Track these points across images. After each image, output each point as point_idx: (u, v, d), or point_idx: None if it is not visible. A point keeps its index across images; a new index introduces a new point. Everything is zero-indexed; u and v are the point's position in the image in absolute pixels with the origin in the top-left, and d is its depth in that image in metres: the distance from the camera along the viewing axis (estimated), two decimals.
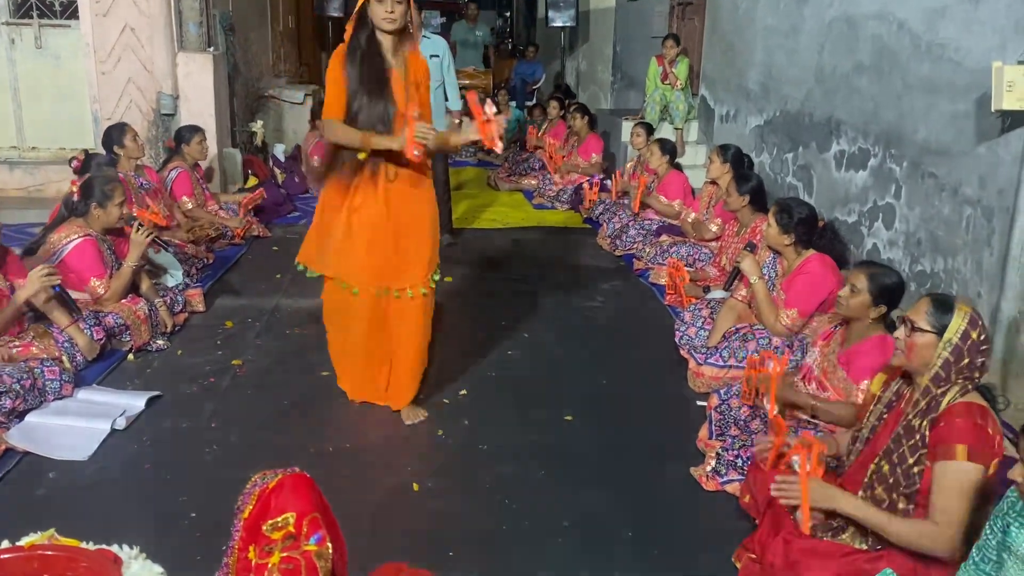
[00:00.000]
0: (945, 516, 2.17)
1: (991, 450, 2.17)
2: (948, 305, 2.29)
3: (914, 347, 2.31)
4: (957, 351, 2.23)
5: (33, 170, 6.89)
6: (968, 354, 2.24)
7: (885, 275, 2.97)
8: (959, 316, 2.26)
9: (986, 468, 2.16)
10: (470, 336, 4.55)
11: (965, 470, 2.15)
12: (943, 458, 2.18)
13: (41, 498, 2.94)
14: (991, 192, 3.93)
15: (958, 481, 2.16)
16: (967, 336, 2.24)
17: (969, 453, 2.14)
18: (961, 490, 2.16)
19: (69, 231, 4.15)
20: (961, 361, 2.24)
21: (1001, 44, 3.84)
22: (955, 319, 2.25)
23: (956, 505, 2.16)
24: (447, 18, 17.02)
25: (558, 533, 2.83)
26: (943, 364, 2.25)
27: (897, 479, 2.29)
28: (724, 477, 3.06)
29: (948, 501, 2.17)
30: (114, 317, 4.05)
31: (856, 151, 5.20)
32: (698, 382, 3.91)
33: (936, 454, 2.20)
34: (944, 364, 2.25)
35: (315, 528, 1.79)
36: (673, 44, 7.77)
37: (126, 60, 6.68)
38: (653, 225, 6.07)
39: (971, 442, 2.15)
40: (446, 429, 3.52)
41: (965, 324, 2.24)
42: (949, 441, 2.17)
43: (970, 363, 2.25)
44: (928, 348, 2.27)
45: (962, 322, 2.25)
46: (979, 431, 2.16)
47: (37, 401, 3.43)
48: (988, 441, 2.17)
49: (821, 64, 5.68)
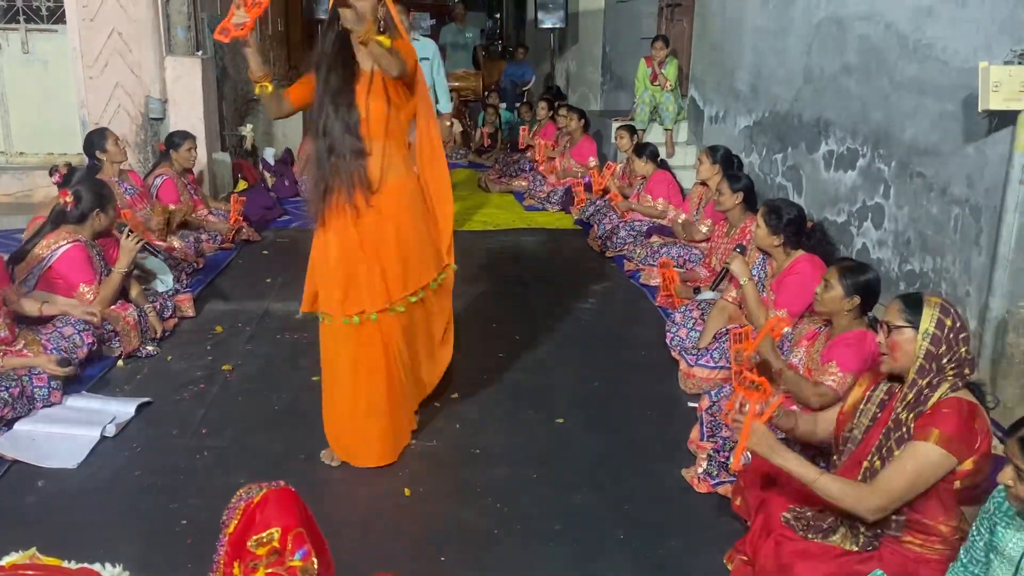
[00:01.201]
0: (882, 483, 2.21)
1: (968, 446, 2.18)
2: (918, 300, 2.35)
3: (896, 346, 2.35)
4: (936, 340, 2.27)
5: (21, 176, 6.86)
6: (947, 342, 2.27)
7: (857, 268, 3.05)
8: (930, 307, 2.31)
9: (956, 461, 2.17)
10: (460, 338, 4.52)
11: (928, 451, 2.18)
12: (915, 438, 2.21)
13: (31, 506, 2.92)
14: (979, 191, 3.95)
15: (915, 458, 2.19)
16: (942, 324, 2.28)
17: (941, 439, 2.16)
18: (914, 467, 2.19)
19: (58, 237, 4.13)
20: (941, 349, 2.27)
21: (987, 44, 3.86)
22: (926, 310, 2.31)
23: (899, 478, 2.20)
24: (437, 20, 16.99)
25: (550, 536, 2.83)
26: (926, 355, 2.28)
27: None
28: (715, 479, 3.06)
29: (894, 471, 2.21)
30: (103, 323, 4.03)
31: (845, 151, 5.22)
32: (689, 383, 3.92)
33: (914, 435, 2.23)
34: (927, 355, 2.28)
35: (300, 543, 1.79)
36: (662, 45, 7.79)
37: (114, 65, 6.65)
38: (644, 226, 6.08)
39: (949, 431, 2.17)
40: (437, 433, 3.51)
41: (937, 313, 2.30)
42: (928, 425, 2.20)
43: (953, 353, 2.28)
44: (910, 343, 2.31)
45: (934, 311, 2.30)
46: (961, 424, 2.18)
47: (26, 409, 3.41)
48: (968, 436, 2.17)
49: (809, 65, 5.69)
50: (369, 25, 2.89)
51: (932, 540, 2.27)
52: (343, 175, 3.04)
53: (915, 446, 2.21)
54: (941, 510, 2.24)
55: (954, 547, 2.26)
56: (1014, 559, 1.91)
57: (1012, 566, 1.92)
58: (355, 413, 3.19)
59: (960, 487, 2.21)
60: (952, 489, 2.21)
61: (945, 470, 2.18)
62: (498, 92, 11.91)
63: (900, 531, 2.29)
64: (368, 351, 3.17)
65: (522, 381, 4.05)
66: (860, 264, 3.15)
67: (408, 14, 6.15)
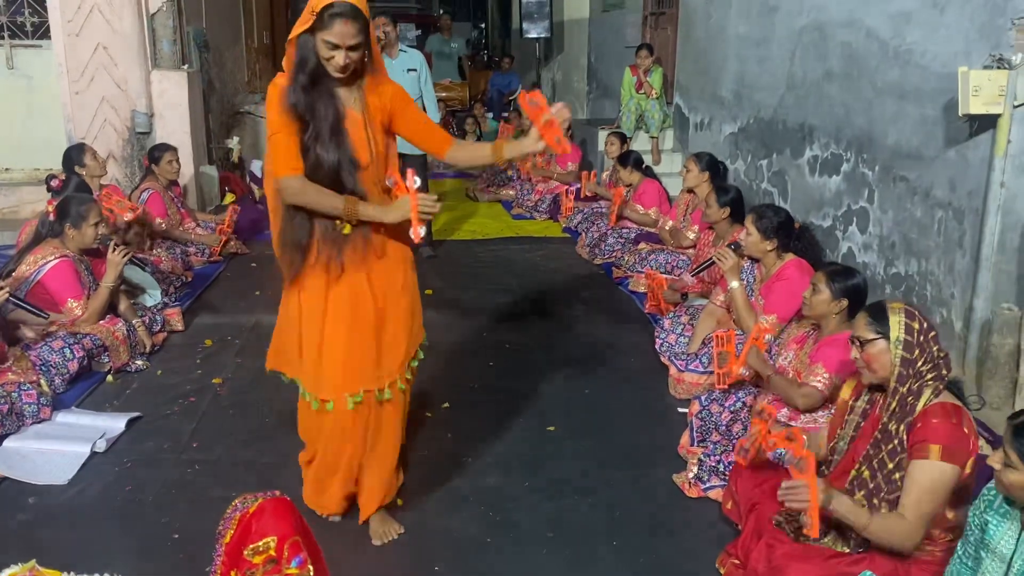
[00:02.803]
0: (914, 512, 2.22)
1: (965, 450, 2.21)
2: (882, 310, 2.39)
3: (871, 358, 2.38)
4: (908, 345, 2.31)
5: (7, 192, 6.84)
6: (919, 345, 2.31)
7: (843, 272, 3.10)
8: (895, 314, 2.35)
9: (961, 468, 2.20)
10: (451, 348, 4.55)
11: (939, 469, 2.20)
12: (918, 456, 2.22)
13: (22, 524, 2.91)
14: (961, 194, 4.00)
15: (930, 480, 2.21)
16: (911, 329, 2.32)
17: (943, 453, 2.19)
18: (932, 489, 2.21)
19: (45, 252, 4.12)
20: (915, 353, 2.30)
21: (966, 49, 3.91)
22: (893, 318, 2.35)
23: (926, 502, 2.21)
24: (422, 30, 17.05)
25: (543, 544, 2.84)
26: (902, 362, 2.31)
27: (878, 484, 2.32)
28: (706, 483, 3.08)
29: (918, 498, 2.22)
30: (92, 338, 4.02)
31: (829, 156, 5.27)
32: (679, 388, 3.94)
33: (912, 453, 2.24)
34: (903, 362, 2.31)
35: (296, 552, 1.80)
36: (647, 54, 7.85)
37: (99, 79, 6.64)
38: (632, 234, 6.11)
39: (946, 442, 2.19)
40: (429, 442, 3.52)
41: (904, 318, 2.33)
42: (925, 441, 2.22)
43: (927, 354, 2.30)
44: (884, 354, 2.35)
45: (900, 318, 2.34)
46: (954, 431, 2.21)
47: (15, 426, 3.40)
48: (963, 441, 2.21)
49: (792, 71, 5.75)
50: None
51: (923, 541, 2.29)
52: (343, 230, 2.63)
53: (917, 468, 2.22)
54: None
55: (944, 547, 2.29)
56: (1005, 556, 1.93)
57: (1003, 563, 1.94)
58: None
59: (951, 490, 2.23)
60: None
61: (954, 480, 2.22)
62: (485, 102, 11.96)
63: None
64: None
65: (513, 389, 4.06)
66: (847, 268, 3.19)
67: (394, 27, 6.18)
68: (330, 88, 2.54)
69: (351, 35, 2.42)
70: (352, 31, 2.42)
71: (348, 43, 2.43)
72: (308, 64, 2.49)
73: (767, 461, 2.86)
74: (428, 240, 6.48)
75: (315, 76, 2.50)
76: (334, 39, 2.42)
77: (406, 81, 6.20)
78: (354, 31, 2.43)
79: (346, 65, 2.47)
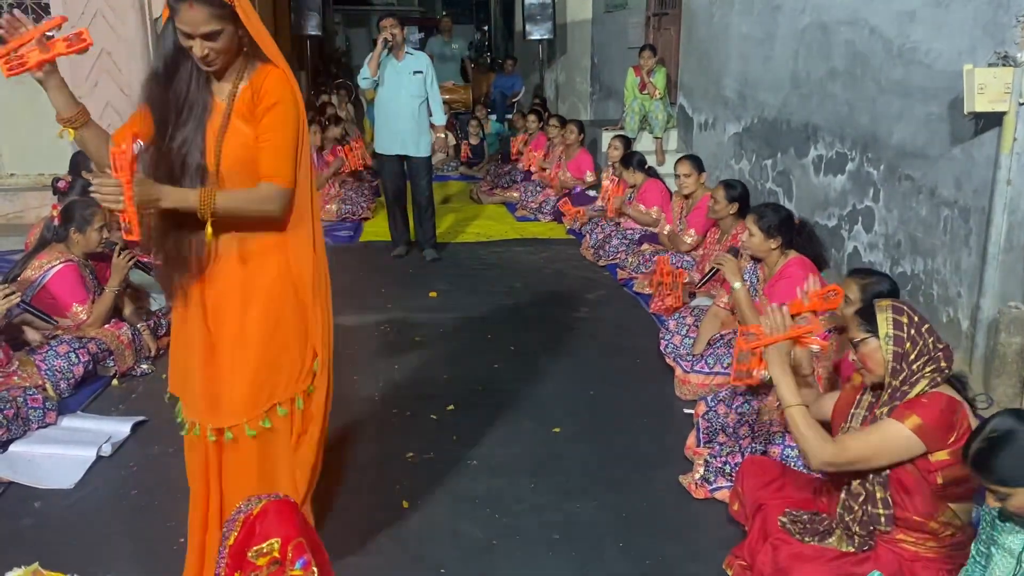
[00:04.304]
0: (844, 443, 2.27)
1: (942, 437, 2.18)
2: (871, 310, 2.38)
3: (866, 358, 2.38)
4: (898, 340, 2.30)
5: (12, 197, 6.86)
6: (911, 339, 2.29)
7: (877, 283, 3.01)
8: (882, 311, 2.35)
9: (924, 449, 2.19)
10: (456, 350, 4.55)
11: (897, 430, 2.20)
12: (893, 417, 2.23)
13: (28, 528, 2.91)
14: (967, 193, 3.98)
15: (882, 432, 2.23)
16: (899, 323, 2.31)
17: (918, 428, 2.18)
18: (879, 439, 2.23)
19: (50, 257, 4.13)
20: (907, 346, 2.29)
21: (971, 47, 3.90)
22: (880, 316, 2.34)
23: (859, 442, 2.26)
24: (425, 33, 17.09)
25: (549, 545, 2.83)
26: (894, 357, 2.31)
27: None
28: (713, 485, 3.07)
29: (858, 435, 2.26)
30: (97, 343, 4.03)
31: (834, 155, 5.26)
32: (684, 390, 3.93)
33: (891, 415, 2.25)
34: (895, 356, 2.30)
35: (300, 553, 1.79)
36: (650, 54, 7.84)
37: (103, 84, 6.66)
38: (636, 235, 6.11)
39: (926, 420, 2.18)
40: (434, 445, 3.51)
41: (891, 314, 2.33)
42: (904, 410, 2.22)
43: (920, 347, 2.29)
44: (876, 352, 2.34)
45: (887, 314, 2.33)
46: (940, 416, 2.19)
47: (21, 430, 3.41)
48: (945, 428, 2.18)
49: (796, 70, 5.74)
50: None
51: (924, 537, 2.28)
52: (190, 239, 2.26)
53: (888, 422, 2.24)
54: (926, 506, 2.25)
55: (948, 545, 2.27)
56: (1015, 552, 1.94)
57: (1013, 559, 1.94)
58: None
59: (943, 482, 2.21)
60: (935, 483, 2.21)
61: (910, 454, 2.20)
62: (488, 104, 11.97)
63: (890, 527, 2.30)
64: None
65: (518, 391, 4.06)
66: (880, 277, 3.08)
67: (401, 29, 6.19)
68: (198, 77, 2.19)
69: (201, 21, 2.07)
70: (201, 17, 2.06)
71: (200, 30, 2.08)
72: (164, 52, 2.19)
73: (773, 461, 2.85)
74: (432, 243, 6.48)
75: (174, 64, 2.18)
76: (184, 27, 2.09)
77: (412, 83, 6.21)
78: (204, 17, 2.06)
79: (206, 56, 2.11)
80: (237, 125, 2.19)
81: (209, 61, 2.13)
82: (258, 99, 2.20)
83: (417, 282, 5.85)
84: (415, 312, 5.18)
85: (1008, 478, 1.84)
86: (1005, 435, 1.85)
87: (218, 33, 2.09)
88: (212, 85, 2.21)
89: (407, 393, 4.02)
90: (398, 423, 3.71)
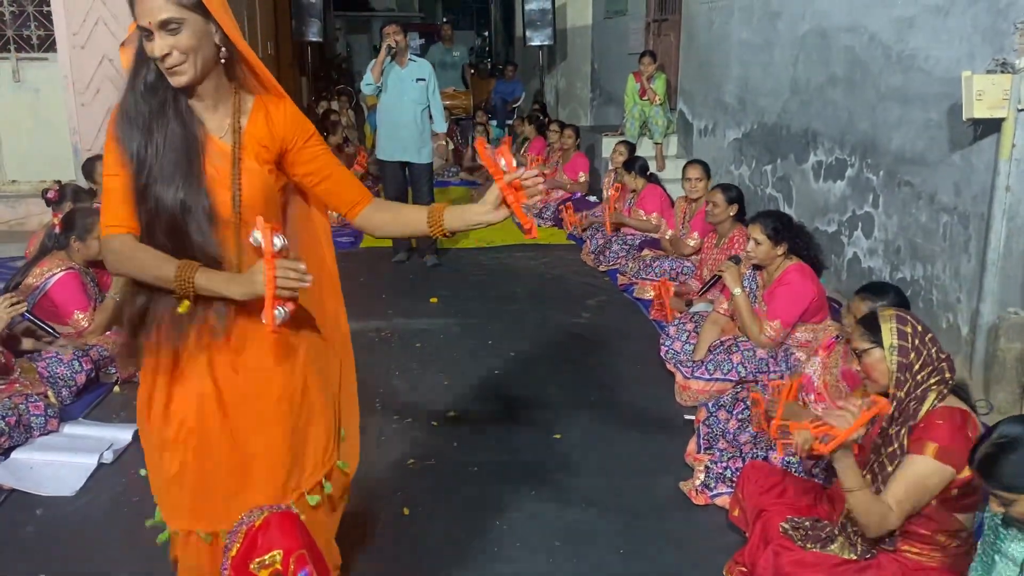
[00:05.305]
0: (895, 501, 2.23)
1: (964, 455, 2.19)
2: (874, 319, 2.38)
3: (870, 368, 2.38)
4: (903, 350, 2.30)
5: (14, 204, 6.88)
6: (915, 349, 2.30)
7: (880, 292, 2.99)
8: (886, 321, 2.35)
9: (955, 471, 2.19)
10: (457, 356, 4.55)
11: (928, 466, 2.20)
12: (914, 451, 2.23)
13: (30, 535, 2.91)
14: (966, 199, 3.99)
15: (916, 475, 2.21)
16: (903, 333, 2.31)
17: (938, 452, 2.18)
18: (918, 483, 2.21)
19: (51, 265, 4.13)
20: (911, 357, 2.29)
21: (970, 53, 3.91)
22: (884, 326, 2.34)
23: (909, 495, 2.22)
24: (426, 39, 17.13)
25: (550, 552, 2.83)
26: (899, 367, 2.31)
27: (878, 488, 2.32)
28: (713, 491, 3.07)
29: (902, 490, 2.22)
30: (99, 349, 4.04)
31: (833, 161, 5.27)
32: (685, 395, 3.93)
33: (910, 449, 2.25)
34: (900, 367, 2.30)
35: (302, 565, 1.79)
36: (650, 60, 7.86)
37: (105, 91, 6.67)
38: (636, 240, 6.11)
39: (944, 443, 2.18)
40: (435, 451, 3.52)
41: (895, 324, 2.33)
42: (924, 439, 2.22)
43: (925, 358, 2.29)
44: (881, 362, 2.34)
45: (891, 324, 2.33)
46: (956, 433, 2.19)
47: (23, 437, 3.40)
48: (963, 445, 2.19)
49: (796, 76, 5.75)
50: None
51: (928, 548, 2.28)
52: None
53: (910, 461, 2.22)
54: (936, 521, 2.25)
55: (952, 554, 2.28)
56: (1018, 560, 1.94)
57: (1016, 566, 1.95)
58: None
59: (957, 494, 2.22)
60: (948, 498, 2.22)
61: (945, 481, 2.20)
62: (488, 110, 11.99)
63: (893, 545, 2.30)
64: None
65: (518, 397, 4.06)
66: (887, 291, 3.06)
67: (404, 36, 6.22)
68: (177, 102, 1.81)
69: (158, 7, 1.69)
70: (158, 1, 1.68)
71: (158, 17, 1.69)
72: (141, 71, 1.81)
73: (774, 467, 2.85)
74: (433, 249, 6.50)
75: (154, 88, 1.80)
76: (142, 19, 1.71)
77: (415, 90, 6.23)
78: (161, 1, 1.68)
79: (168, 57, 1.72)
80: (250, 165, 1.83)
81: (174, 65, 1.73)
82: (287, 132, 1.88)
83: (418, 288, 5.86)
84: (416, 318, 5.19)
85: (1013, 484, 1.84)
86: (1012, 441, 1.86)
87: (180, 23, 1.70)
88: (196, 114, 1.83)
89: (407, 399, 4.02)
90: (399, 429, 3.71)
